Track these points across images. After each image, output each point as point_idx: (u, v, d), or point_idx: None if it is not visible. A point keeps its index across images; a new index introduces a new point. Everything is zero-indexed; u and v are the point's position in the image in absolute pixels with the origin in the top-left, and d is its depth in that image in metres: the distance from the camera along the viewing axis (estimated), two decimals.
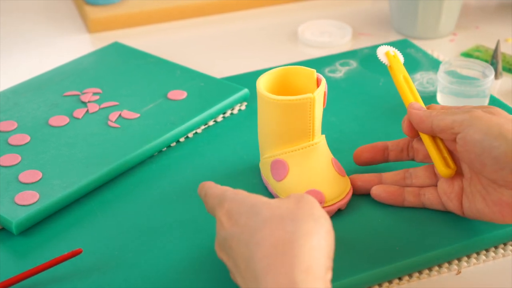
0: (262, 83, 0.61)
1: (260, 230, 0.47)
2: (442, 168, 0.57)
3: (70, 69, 0.83)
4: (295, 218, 0.48)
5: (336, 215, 0.61)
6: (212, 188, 0.54)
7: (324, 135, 0.63)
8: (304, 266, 0.45)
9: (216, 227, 0.52)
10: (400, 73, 0.64)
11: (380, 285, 0.57)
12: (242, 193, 0.52)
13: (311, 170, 0.61)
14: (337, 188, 0.61)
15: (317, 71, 0.85)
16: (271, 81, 0.63)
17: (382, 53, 0.65)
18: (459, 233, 0.59)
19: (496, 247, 0.60)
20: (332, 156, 0.63)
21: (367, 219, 0.61)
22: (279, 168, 0.61)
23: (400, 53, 0.66)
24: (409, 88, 0.63)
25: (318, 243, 0.46)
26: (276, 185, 0.62)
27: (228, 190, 0.53)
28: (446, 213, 0.61)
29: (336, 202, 0.61)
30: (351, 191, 0.63)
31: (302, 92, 0.62)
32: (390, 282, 0.57)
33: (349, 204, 0.63)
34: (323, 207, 0.61)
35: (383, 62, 0.65)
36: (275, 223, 0.47)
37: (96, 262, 0.57)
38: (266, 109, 0.60)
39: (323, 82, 0.61)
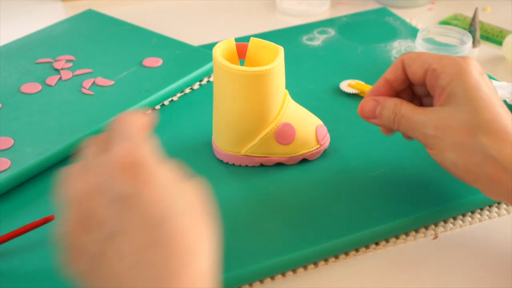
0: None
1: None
2: None
3: (43, 37, 0.81)
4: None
5: (312, 179, 0.61)
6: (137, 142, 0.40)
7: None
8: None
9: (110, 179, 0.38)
10: None
11: (357, 250, 0.56)
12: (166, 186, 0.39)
13: (305, 115, 0.63)
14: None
15: (295, 39, 0.84)
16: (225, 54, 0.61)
17: None
18: (435, 198, 0.59)
19: (472, 212, 0.60)
20: None
21: (343, 184, 0.61)
22: (287, 130, 0.62)
23: None
24: None
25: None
26: (284, 149, 0.62)
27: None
28: (422, 178, 0.61)
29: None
30: None
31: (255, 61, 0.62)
32: (367, 247, 0.57)
33: (324, 169, 0.63)
34: (323, 141, 0.63)
35: None
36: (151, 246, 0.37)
37: None
38: (258, 83, 0.59)
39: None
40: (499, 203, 0.61)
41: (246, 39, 0.63)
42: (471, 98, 0.52)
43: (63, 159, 0.64)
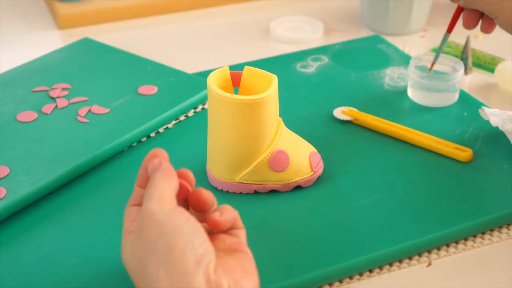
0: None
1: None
2: None
3: (39, 65, 0.81)
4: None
5: (306, 206, 0.62)
6: (164, 182, 0.51)
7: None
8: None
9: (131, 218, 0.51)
10: None
11: (351, 277, 0.57)
12: (168, 218, 0.47)
13: (299, 143, 0.64)
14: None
15: (289, 66, 0.85)
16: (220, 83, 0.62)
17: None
18: (428, 225, 0.59)
19: (465, 239, 0.60)
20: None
21: (336, 211, 0.61)
22: (281, 158, 0.62)
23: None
24: None
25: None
26: (278, 176, 0.63)
27: (168, 205, 0.48)
28: (415, 205, 0.62)
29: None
30: None
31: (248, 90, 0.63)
32: (361, 274, 0.57)
33: (318, 196, 0.63)
34: (316, 168, 0.64)
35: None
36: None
37: (64, 258, 0.57)
38: (255, 111, 0.60)
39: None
40: (492, 229, 0.61)
41: (240, 66, 0.64)
42: None
43: (58, 187, 0.64)
